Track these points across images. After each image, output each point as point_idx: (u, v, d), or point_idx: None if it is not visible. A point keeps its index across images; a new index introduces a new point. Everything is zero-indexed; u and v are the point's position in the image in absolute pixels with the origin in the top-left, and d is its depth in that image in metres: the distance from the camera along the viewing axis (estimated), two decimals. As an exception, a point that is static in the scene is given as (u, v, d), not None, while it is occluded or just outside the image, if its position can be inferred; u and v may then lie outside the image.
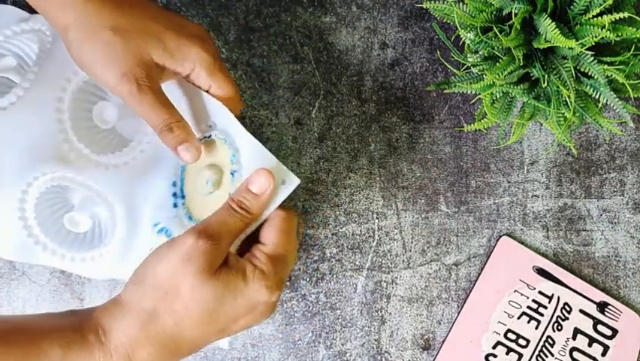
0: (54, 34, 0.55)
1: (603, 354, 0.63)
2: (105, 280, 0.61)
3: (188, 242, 0.45)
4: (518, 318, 0.63)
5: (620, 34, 0.50)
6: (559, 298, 0.64)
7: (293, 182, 0.50)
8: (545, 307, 0.63)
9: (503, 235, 0.65)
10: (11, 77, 0.55)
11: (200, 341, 0.45)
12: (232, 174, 0.52)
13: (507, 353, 0.63)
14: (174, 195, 0.55)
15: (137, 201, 0.55)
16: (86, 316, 0.44)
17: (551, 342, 0.63)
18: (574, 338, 0.63)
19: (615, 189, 0.65)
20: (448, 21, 0.58)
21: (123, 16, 0.47)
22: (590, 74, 0.52)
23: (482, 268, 0.64)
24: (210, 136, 0.53)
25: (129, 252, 0.55)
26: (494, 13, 0.54)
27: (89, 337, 0.42)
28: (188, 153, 0.50)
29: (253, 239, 0.50)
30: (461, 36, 0.55)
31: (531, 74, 0.56)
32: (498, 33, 0.52)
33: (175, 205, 0.54)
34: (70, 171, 0.54)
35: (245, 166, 0.51)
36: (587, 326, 0.63)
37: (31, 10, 0.56)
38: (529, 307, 0.63)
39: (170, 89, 0.52)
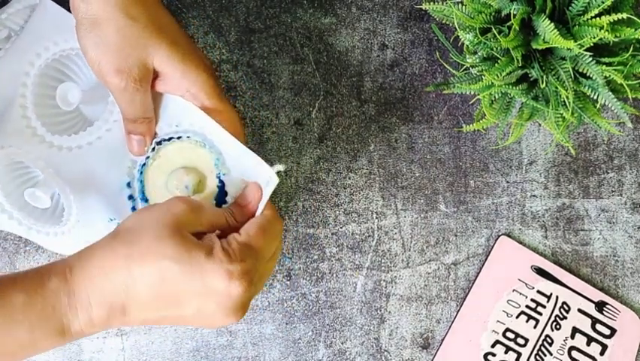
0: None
1: (602, 353, 0.63)
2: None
3: (170, 201, 0.44)
4: (517, 317, 0.63)
5: (618, 34, 0.50)
6: (557, 297, 0.64)
7: (273, 181, 0.49)
8: (544, 307, 0.64)
9: (502, 234, 0.65)
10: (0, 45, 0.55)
11: (147, 307, 0.42)
12: (219, 177, 0.52)
13: (506, 352, 0.63)
14: (130, 198, 0.53)
15: (88, 190, 0.53)
16: (58, 261, 0.43)
17: (550, 341, 0.63)
18: (572, 337, 0.63)
19: (613, 189, 0.66)
20: (447, 22, 0.58)
21: (144, 10, 0.47)
22: (588, 74, 0.52)
23: (481, 268, 0.64)
24: (180, 137, 0.52)
25: (87, 235, 0.54)
26: (493, 14, 0.54)
27: (53, 278, 0.41)
28: (138, 145, 0.52)
29: None
30: (460, 37, 0.55)
31: (530, 75, 0.56)
32: (497, 34, 0.52)
33: (134, 208, 0.53)
34: (23, 148, 0.53)
35: (232, 168, 0.52)
36: (585, 325, 0.64)
37: None
38: (527, 306, 0.64)
39: None
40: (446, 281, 0.64)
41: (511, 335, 0.63)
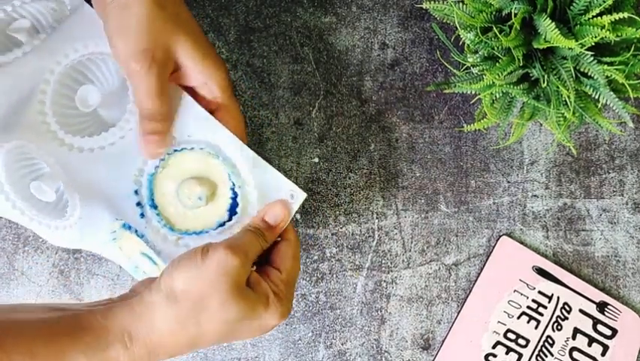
0: (73, 8, 0.56)
1: (603, 354, 0.63)
2: (70, 246, 0.61)
3: (221, 255, 0.45)
4: (518, 318, 0.63)
5: (619, 34, 0.50)
6: (558, 298, 0.64)
7: (299, 196, 0.51)
8: (545, 307, 0.63)
9: (503, 234, 0.65)
10: (21, 37, 0.56)
11: (206, 346, 0.47)
12: (233, 189, 0.52)
13: (507, 353, 0.63)
14: (138, 204, 0.54)
15: (94, 193, 0.54)
16: (110, 317, 0.44)
17: (551, 342, 0.63)
18: (573, 337, 0.63)
19: (615, 189, 0.66)
20: (448, 21, 0.58)
21: (172, 2, 0.48)
22: (589, 74, 0.52)
23: (482, 268, 0.64)
24: (193, 148, 0.53)
25: (89, 234, 0.55)
26: (494, 13, 0.54)
27: (114, 344, 0.43)
28: (154, 145, 0.51)
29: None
30: (461, 36, 0.55)
31: (531, 74, 0.56)
32: (498, 33, 0.52)
33: (142, 215, 0.53)
34: (32, 143, 0.54)
35: (248, 182, 0.52)
36: (586, 325, 0.63)
37: None
38: (528, 307, 0.63)
39: None
40: (447, 282, 0.64)
41: (512, 336, 0.63)
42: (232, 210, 0.53)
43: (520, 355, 0.63)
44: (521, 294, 0.64)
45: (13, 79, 0.54)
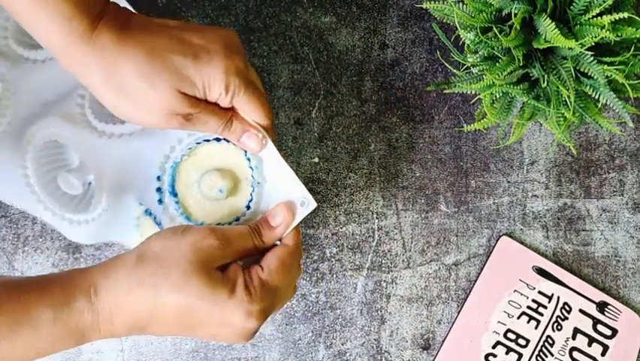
0: None
1: (603, 354, 0.63)
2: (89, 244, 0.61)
3: (200, 233, 0.46)
4: (518, 318, 0.63)
5: (619, 34, 0.50)
6: (558, 298, 0.64)
7: (310, 205, 0.51)
8: (545, 307, 0.63)
9: (503, 234, 0.65)
10: None
11: (168, 328, 0.46)
12: (252, 185, 0.52)
13: (507, 353, 0.63)
14: (158, 190, 0.54)
15: (122, 177, 0.55)
16: (82, 273, 0.45)
17: (551, 342, 0.63)
18: (573, 337, 0.63)
19: (615, 189, 0.66)
20: (448, 21, 0.58)
21: (140, 59, 0.45)
22: (589, 74, 0.52)
23: (482, 268, 0.64)
24: (220, 140, 0.53)
25: (114, 223, 0.56)
26: (494, 13, 0.54)
27: (79, 297, 0.43)
28: (251, 141, 0.50)
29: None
30: (461, 36, 0.55)
31: (531, 74, 0.56)
32: (498, 33, 0.52)
33: (160, 201, 0.54)
34: (69, 131, 0.55)
35: (268, 180, 0.52)
36: (586, 325, 0.63)
37: None
38: (528, 307, 0.63)
39: None
40: (447, 282, 0.64)
41: (512, 336, 0.63)
42: (249, 207, 0.53)
43: (520, 355, 0.63)
44: (521, 294, 0.63)
45: (49, 75, 0.57)
